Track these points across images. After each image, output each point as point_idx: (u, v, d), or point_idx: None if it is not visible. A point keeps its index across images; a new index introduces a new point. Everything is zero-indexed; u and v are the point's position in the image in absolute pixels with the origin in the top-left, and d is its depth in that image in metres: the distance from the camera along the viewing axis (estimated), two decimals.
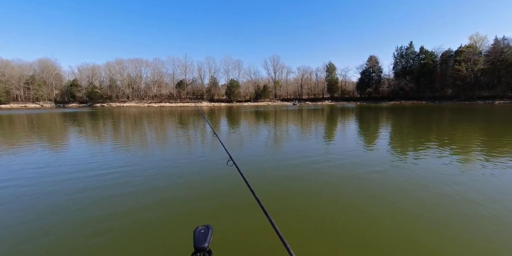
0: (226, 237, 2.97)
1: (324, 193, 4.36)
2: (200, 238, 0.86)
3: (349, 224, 3.28)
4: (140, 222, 3.40)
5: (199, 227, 0.92)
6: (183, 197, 4.31)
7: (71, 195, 4.36)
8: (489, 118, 19.17)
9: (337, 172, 5.53)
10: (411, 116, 22.72)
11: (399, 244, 2.84)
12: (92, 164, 6.48)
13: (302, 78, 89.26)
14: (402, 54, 75.81)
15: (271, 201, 3.97)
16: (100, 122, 19.84)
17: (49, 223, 3.40)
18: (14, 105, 67.80)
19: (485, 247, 2.74)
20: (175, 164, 6.47)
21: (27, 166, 6.35)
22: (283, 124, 16.79)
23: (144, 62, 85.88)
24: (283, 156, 7.35)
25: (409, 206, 3.79)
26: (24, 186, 4.85)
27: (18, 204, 4.02)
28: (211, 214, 3.65)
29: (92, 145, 9.58)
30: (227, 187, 4.73)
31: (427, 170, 5.53)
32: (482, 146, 8.27)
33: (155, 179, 5.22)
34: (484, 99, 57.50)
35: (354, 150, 7.81)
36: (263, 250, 2.77)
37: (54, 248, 2.84)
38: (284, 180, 5.07)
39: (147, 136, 11.98)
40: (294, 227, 3.20)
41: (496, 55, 61.18)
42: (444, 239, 2.87)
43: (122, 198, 4.23)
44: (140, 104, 75.10)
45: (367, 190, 4.43)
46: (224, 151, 2.36)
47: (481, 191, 4.28)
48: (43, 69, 79.29)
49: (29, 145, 9.37)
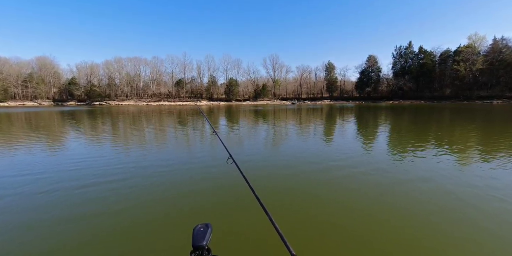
0: (225, 236, 2.97)
1: (324, 192, 4.36)
2: (199, 237, 0.86)
3: (349, 223, 3.29)
4: (139, 220, 3.39)
5: (199, 225, 0.92)
6: (183, 195, 4.30)
7: (69, 192, 4.34)
8: (488, 118, 19.24)
9: (337, 171, 5.54)
10: (410, 116, 22.78)
11: (400, 244, 2.84)
12: (90, 162, 6.45)
13: (301, 77, 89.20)
14: (401, 53, 75.93)
15: (270, 199, 3.97)
16: (98, 121, 19.77)
17: (45, 220, 3.39)
18: (12, 103, 67.39)
19: (488, 246, 2.75)
20: (175, 163, 6.46)
21: (23, 166, 6.32)
22: (282, 123, 16.79)
23: (143, 61, 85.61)
24: (282, 155, 7.35)
25: (409, 205, 3.80)
26: (20, 184, 4.83)
27: (17, 202, 4.00)
28: (211, 213, 3.65)
29: (90, 143, 9.54)
30: (227, 185, 4.72)
31: (427, 170, 5.55)
32: (483, 145, 8.30)
33: (154, 177, 5.20)
34: (482, 99, 57.71)
35: (354, 150, 7.82)
36: (263, 248, 2.77)
37: (49, 246, 2.82)
38: (283, 179, 5.06)
39: (146, 135, 11.94)
40: (293, 226, 3.20)
41: (494, 55, 61.37)
42: (448, 240, 2.87)
43: (121, 196, 4.22)
44: (139, 102, 74.85)
45: (367, 190, 4.43)
46: (224, 149, 2.36)
47: (483, 190, 4.30)
48: (41, 67, 78.75)
49: (27, 144, 9.32)
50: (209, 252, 0.85)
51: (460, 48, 66.30)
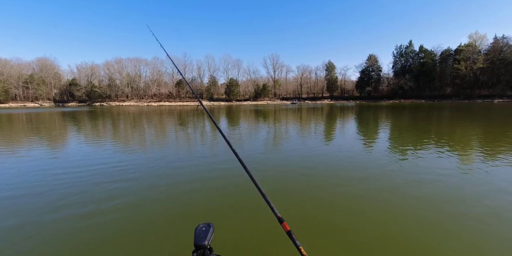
0: (227, 236, 2.98)
1: (329, 193, 4.35)
2: (201, 236, 0.86)
3: (353, 225, 3.28)
4: (141, 219, 3.40)
5: (201, 224, 0.93)
6: (185, 195, 4.31)
7: (71, 191, 4.35)
8: (489, 117, 19.19)
9: (341, 172, 5.54)
10: (411, 115, 22.74)
11: (402, 245, 2.84)
12: (92, 160, 6.46)
13: (302, 77, 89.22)
14: (401, 53, 75.82)
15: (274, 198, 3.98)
16: (99, 121, 19.81)
17: (46, 219, 3.40)
18: (13, 104, 67.66)
19: (489, 246, 2.75)
20: (177, 162, 6.47)
21: (26, 168, 6.34)
22: (282, 123, 16.79)
23: (144, 61, 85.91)
24: (282, 154, 7.33)
25: (409, 205, 3.80)
26: (23, 184, 4.85)
27: (19, 200, 4.02)
28: (213, 212, 3.65)
29: (92, 143, 9.55)
30: (230, 185, 4.73)
31: (428, 169, 5.54)
32: (485, 145, 8.29)
33: (156, 177, 5.22)
34: (483, 98, 57.56)
35: (355, 149, 7.82)
36: (264, 249, 2.77)
37: (52, 244, 2.84)
38: (284, 179, 5.07)
39: (148, 135, 11.95)
40: (296, 226, 3.20)
41: (495, 53, 61.21)
42: (453, 242, 2.85)
43: (123, 195, 4.22)
44: (139, 103, 75.01)
45: (368, 189, 4.43)
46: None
47: (485, 190, 4.30)
48: (42, 68, 79.04)
49: (29, 144, 9.35)
50: (211, 252, 0.86)
51: (460, 47, 66.17)
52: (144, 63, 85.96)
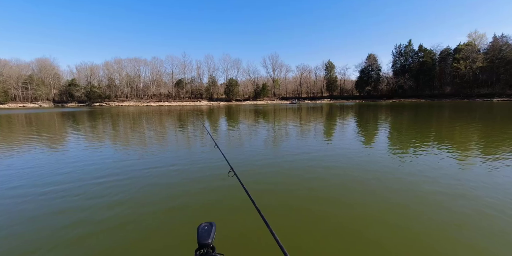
0: (229, 235, 2.98)
1: (327, 193, 4.35)
2: (204, 235, 0.87)
3: (352, 223, 3.29)
4: (144, 219, 3.40)
5: (203, 224, 0.93)
6: (187, 194, 4.31)
7: (71, 191, 4.35)
8: (489, 116, 19.21)
9: (340, 172, 5.54)
10: (411, 114, 22.75)
11: (400, 243, 2.85)
12: (92, 160, 6.46)
13: (301, 76, 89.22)
14: (401, 52, 75.90)
15: (268, 200, 3.98)
16: (99, 122, 19.79)
17: (48, 220, 3.40)
18: (13, 105, 67.50)
19: (485, 247, 2.75)
20: (179, 162, 6.46)
21: (26, 167, 6.34)
22: (282, 123, 16.79)
23: (143, 61, 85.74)
24: (283, 154, 7.33)
25: (409, 204, 3.80)
26: (23, 185, 4.85)
27: (20, 203, 4.02)
28: (215, 212, 3.66)
29: (92, 143, 9.54)
30: (231, 185, 4.72)
31: (429, 169, 5.55)
32: (485, 144, 8.30)
33: (159, 177, 5.22)
34: (483, 97, 57.62)
35: (355, 149, 7.83)
36: (264, 247, 2.78)
37: (55, 244, 2.84)
38: (284, 179, 5.07)
39: (149, 136, 11.94)
40: (295, 227, 3.21)
41: (494, 52, 61.29)
42: (447, 239, 2.87)
43: (124, 194, 4.23)
44: (139, 103, 74.91)
45: (368, 189, 4.44)
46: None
47: (486, 189, 4.31)
48: (41, 68, 78.88)
49: (29, 145, 9.34)
50: (213, 250, 0.87)
51: (460, 46, 66.25)
52: (144, 63, 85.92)
